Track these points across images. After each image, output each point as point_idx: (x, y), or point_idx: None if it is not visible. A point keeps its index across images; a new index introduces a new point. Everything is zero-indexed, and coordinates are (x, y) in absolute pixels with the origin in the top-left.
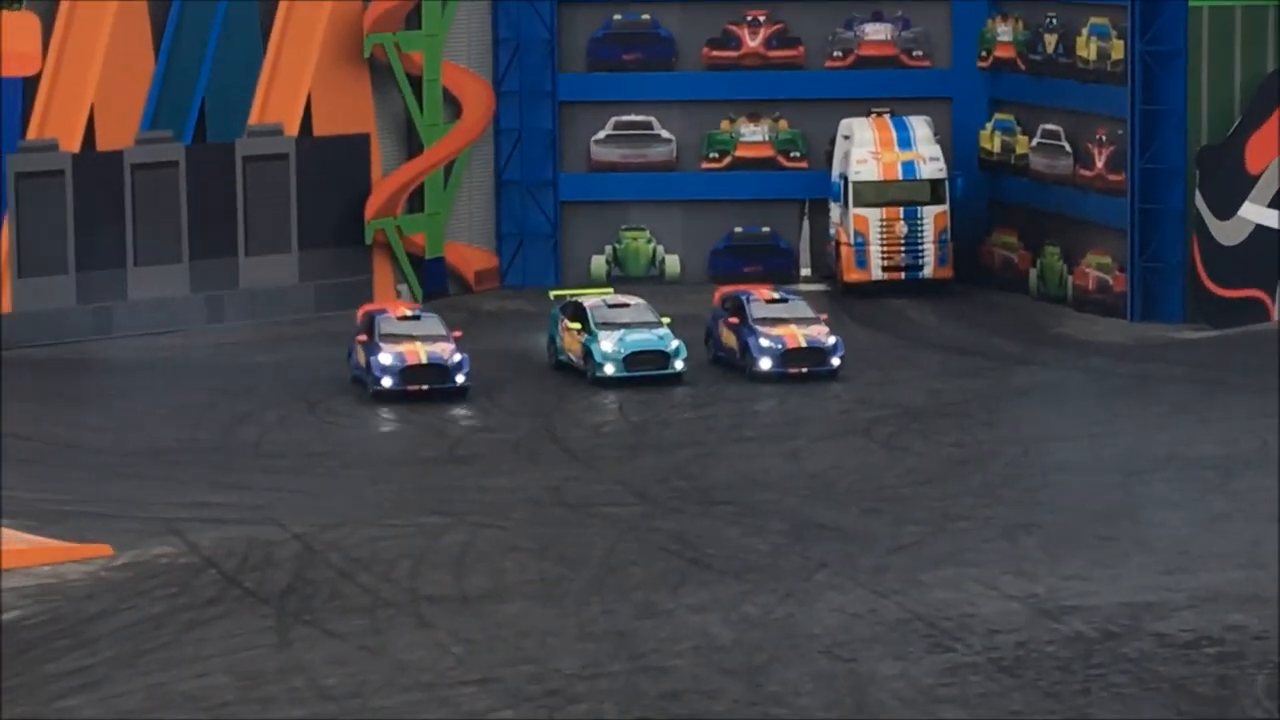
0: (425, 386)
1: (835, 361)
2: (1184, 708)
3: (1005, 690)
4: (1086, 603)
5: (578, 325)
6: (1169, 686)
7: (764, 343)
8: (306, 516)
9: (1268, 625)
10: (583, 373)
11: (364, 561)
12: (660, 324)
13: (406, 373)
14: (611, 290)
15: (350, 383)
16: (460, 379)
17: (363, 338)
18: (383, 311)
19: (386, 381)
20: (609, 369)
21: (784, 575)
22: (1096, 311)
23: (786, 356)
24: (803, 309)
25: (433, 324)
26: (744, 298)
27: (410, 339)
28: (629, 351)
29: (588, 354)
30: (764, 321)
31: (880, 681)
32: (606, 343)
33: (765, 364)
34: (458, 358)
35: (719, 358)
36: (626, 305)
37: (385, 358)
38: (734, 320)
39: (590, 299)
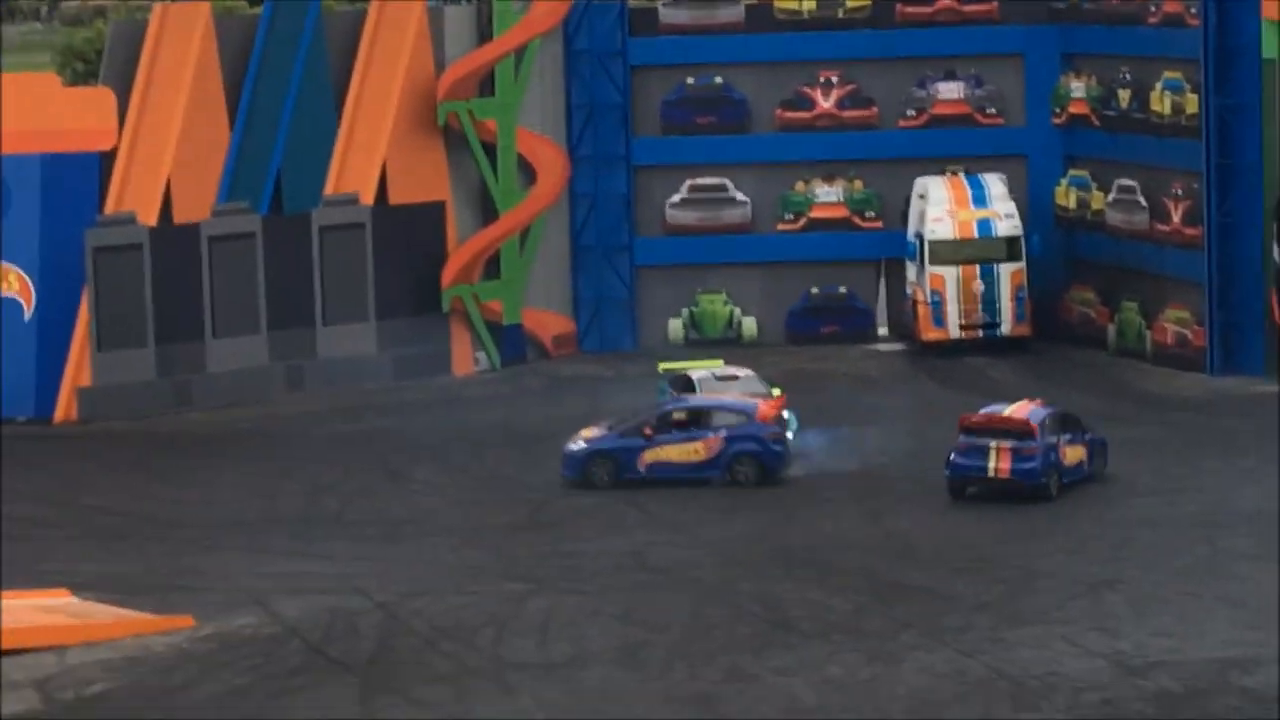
0: None
1: (789, 436)
2: None
3: None
4: (1172, 658)
5: None
6: None
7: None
8: (390, 585)
9: None
10: None
11: (447, 629)
12: (770, 395)
13: None
14: (720, 362)
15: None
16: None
17: None
18: None
19: None
20: None
21: (868, 636)
22: (1176, 366)
23: None
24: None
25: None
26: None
27: None
28: None
29: None
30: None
31: None
32: None
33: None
34: None
35: None
36: (735, 378)
37: None
38: None
39: (699, 371)
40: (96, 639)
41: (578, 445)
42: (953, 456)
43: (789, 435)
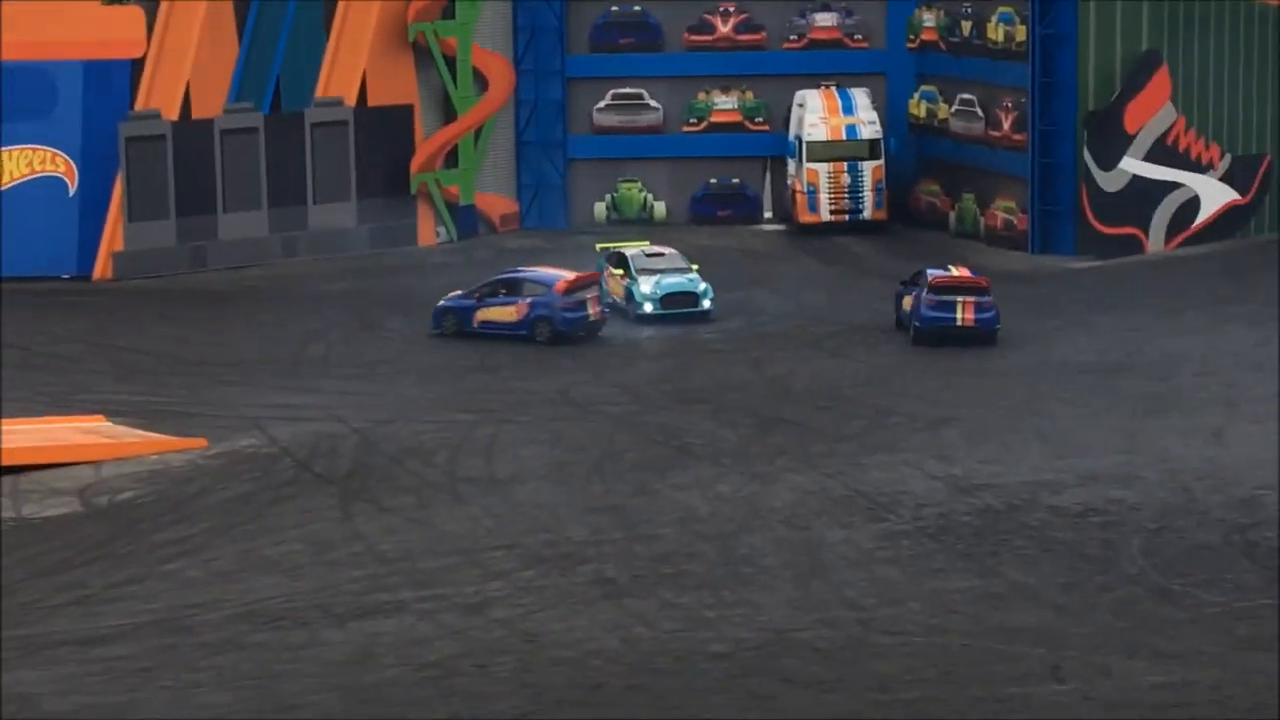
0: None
1: (706, 304)
2: (1073, 565)
3: (930, 552)
4: (995, 481)
5: (620, 271)
6: (1062, 549)
7: (645, 289)
8: (364, 414)
9: (1141, 499)
10: (625, 312)
11: (411, 450)
12: (690, 269)
13: None
14: (648, 242)
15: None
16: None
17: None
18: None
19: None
20: (648, 307)
21: (750, 460)
22: (1004, 246)
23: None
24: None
25: None
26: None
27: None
28: (664, 293)
29: (629, 295)
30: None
31: (829, 546)
32: (645, 285)
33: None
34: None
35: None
36: (662, 254)
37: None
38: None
39: (631, 249)
40: (126, 455)
41: (440, 302)
42: (924, 310)
43: (706, 304)
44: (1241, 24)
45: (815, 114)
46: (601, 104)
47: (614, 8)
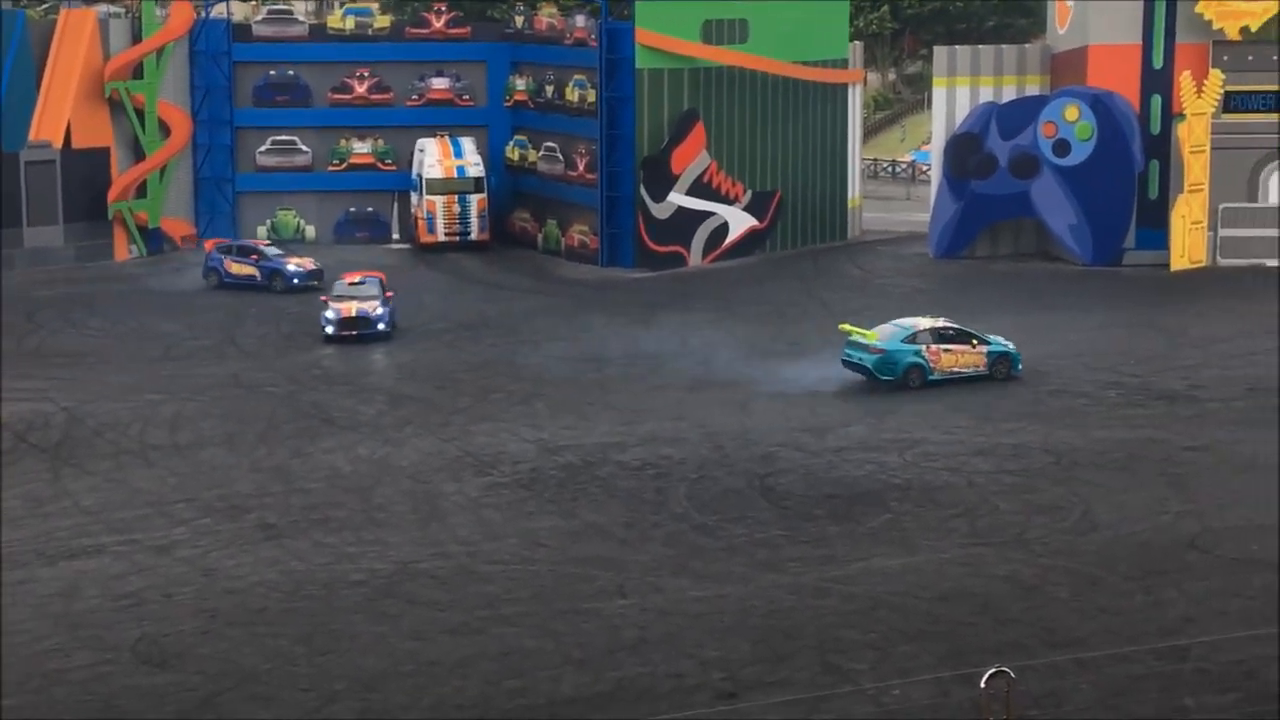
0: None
1: (381, 327)
2: (634, 507)
3: (524, 499)
4: (574, 443)
5: (965, 343)
6: (626, 494)
7: (329, 314)
8: (71, 395)
9: (686, 455)
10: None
11: (109, 424)
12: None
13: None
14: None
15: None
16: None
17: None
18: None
19: (330, 329)
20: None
21: (384, 429)
22: (580, 260)
23: (342, 323)
24: (373, 289)
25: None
26: (337, 281)
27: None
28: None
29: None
30: (337, 298)
31: (445, 495)
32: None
33: (329, 329)
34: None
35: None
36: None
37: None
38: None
39: (922, 323)
40: None
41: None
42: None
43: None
44: (759, 90)
45: (432, 157)
46: (263, 148)
47: (272, 72)
